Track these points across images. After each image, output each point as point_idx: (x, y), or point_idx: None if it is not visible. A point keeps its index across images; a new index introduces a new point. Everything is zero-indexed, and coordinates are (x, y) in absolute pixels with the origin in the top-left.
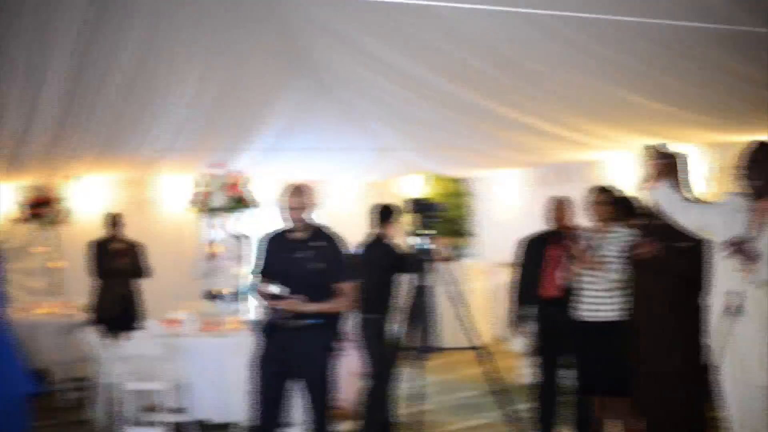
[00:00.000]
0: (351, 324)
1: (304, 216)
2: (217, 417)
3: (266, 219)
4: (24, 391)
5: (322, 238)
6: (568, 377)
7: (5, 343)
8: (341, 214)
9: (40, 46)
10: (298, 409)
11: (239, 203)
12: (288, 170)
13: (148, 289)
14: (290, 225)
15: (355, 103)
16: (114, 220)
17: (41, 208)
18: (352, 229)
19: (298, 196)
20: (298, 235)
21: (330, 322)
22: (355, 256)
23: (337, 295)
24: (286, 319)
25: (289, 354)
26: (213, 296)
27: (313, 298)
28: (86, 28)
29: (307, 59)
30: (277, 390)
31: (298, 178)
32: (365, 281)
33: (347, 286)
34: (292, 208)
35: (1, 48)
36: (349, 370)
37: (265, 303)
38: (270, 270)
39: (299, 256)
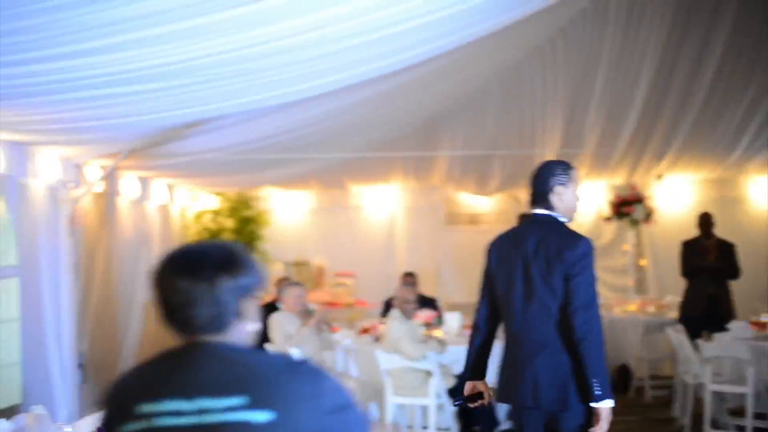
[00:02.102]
0: None
1: None
2: None
3: None
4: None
5: None
6: None
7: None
8: None
9: (628, 53)
10: None
11: None
12: None
13: (737, 289)
14: None
15: None
16: (705, 220)
17: (628, 207)
18: None
19: None
20: None
21: None
22: None
23: None
24: None
25: None
26: None
27: None
28: (672, 35)
29: None
30: None
31: None
32: None
33: None
34: None
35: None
36: None
37: None
38: None
39: None
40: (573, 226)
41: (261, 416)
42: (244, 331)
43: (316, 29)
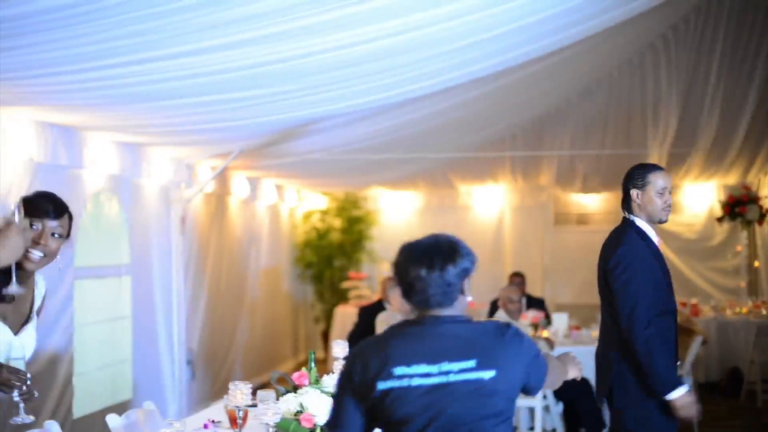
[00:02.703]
0: None
1: None
2: None
3: None
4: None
5: None
6: None
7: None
8: None
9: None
10: None
11: None
12: None
13: None
14: None
15: None
16: None
17: (741, 207)
18: None
19: None
20: None
21: None
22: None
23: None
24: None
25: None
26: None
27: None
28: None
29: None
30: None
31: None
32: None
33: None
34: None
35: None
36: None
37: None
38: None
39: None
40: (679, 227)
41: (487, 374)
42: (464, 302)
43: (422, 28)
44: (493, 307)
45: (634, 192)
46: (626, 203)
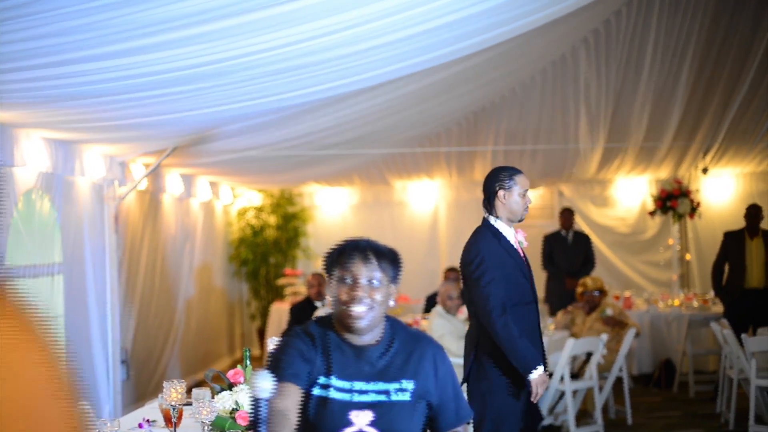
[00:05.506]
0: None
1: None
2: None
3: None
4: None
5: None
6: None
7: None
8: None
9: (673, 44)
10: None
11: None
12: None
13: None
14: None
15: None
16: (750, 212)
17: (673, 201)
18: None
19: None
20: None
21: None
22: None
23: None
24: None
25: None
26: None
27: None
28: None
29: None
30: None
31: None
32: None
33: None
34: None
35: None
36: None
37: None
38: None
39: None
40: (612, 221)
41: None
42: None
43: (352, 27)
44: (430, 303)
45: (501, 192)
46: (489, 202)
